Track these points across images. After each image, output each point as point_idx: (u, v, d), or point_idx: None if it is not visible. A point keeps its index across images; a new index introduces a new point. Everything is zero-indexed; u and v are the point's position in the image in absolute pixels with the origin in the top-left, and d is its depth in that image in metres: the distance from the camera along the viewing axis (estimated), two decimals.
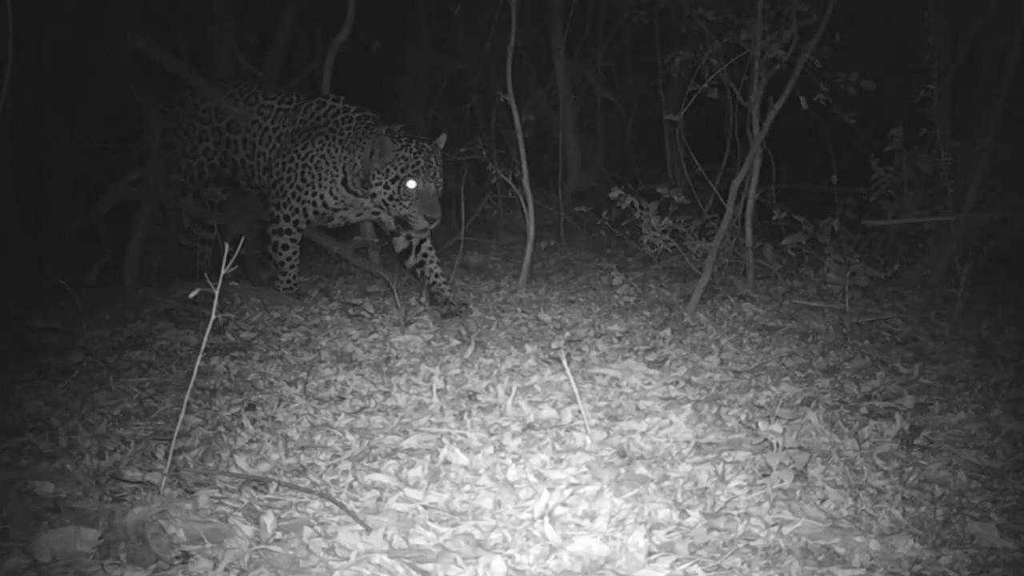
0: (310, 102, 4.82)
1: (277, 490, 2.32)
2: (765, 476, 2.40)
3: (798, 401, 3.06)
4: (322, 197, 4.64)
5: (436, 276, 4.65)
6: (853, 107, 4.71)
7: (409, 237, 4.76)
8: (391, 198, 4.42)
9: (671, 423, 2.81)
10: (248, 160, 4.97)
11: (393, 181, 4.38)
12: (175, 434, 2.38)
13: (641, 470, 2.46)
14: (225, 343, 3.81)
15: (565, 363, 2.83)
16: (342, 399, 3.12)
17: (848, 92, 4.58)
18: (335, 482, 2.41)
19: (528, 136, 5.23)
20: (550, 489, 2.28)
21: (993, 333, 4.07)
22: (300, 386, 3.21)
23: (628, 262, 5.66)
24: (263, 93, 4.97)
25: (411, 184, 4.35)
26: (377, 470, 2.46)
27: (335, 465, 2.51)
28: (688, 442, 2.67)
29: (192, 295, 2.45)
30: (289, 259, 4.75)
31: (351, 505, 2.24)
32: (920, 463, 2.53)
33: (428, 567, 1.94)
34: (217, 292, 2.36)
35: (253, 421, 2.83)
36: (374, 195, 4.47)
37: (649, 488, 2.34)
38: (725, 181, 5.02)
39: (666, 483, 2.38)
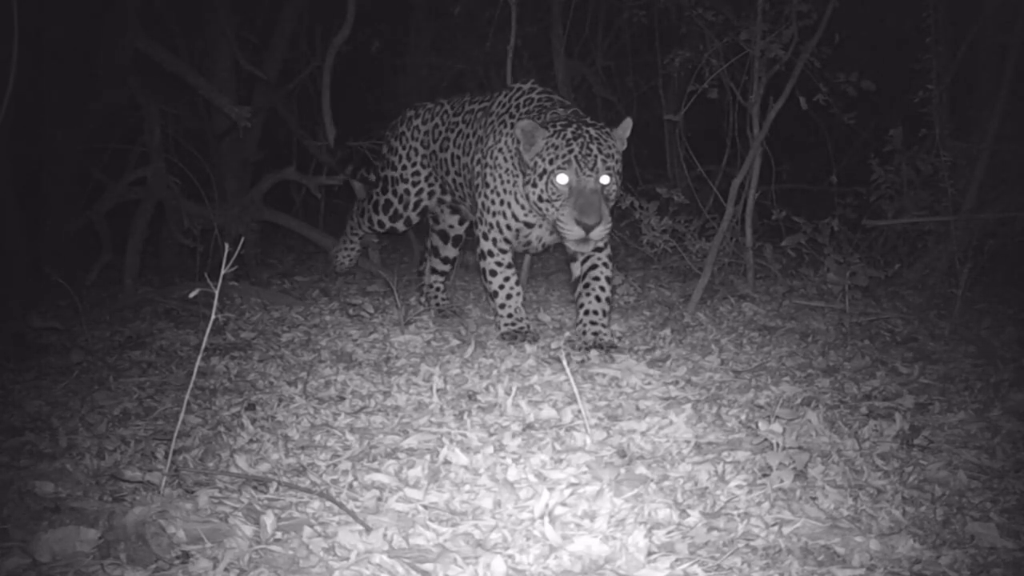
0: (500, 92, 4.15)
1: (277, 490, 2.32)
2: (765, 476, 2.40)
3: (798, 401, 3.06)
4: (510, 206, 3.83)
5: (586, 315, 3.82)
6: (853, 107, 4.72)
7: (583, 262, 3.92)
8: (540, 199, 3.58)
9: (671, 423, 2.81)
10: (457, 178, 4.26)
11: (541, 176, 3.55)
12: (175, 434, 2.38)
13: (641, 470, 2.46)
14: (225, 343, 3.81)
15: (565, 363, 2.83)
16: (342, 399, 3.12)
17: (848, 92, 4.59)
18: (335, 482, 2.41)
19: None
20: (550, 489, 2.28)
21: (993, 333, 4.07)
22: (300, 386, 3.21)
23: (628, 262, 5.67)
24: (471, 98, 4.34)
25: (561, 179, 3.50)
26: (377, 470, 2.46)
27: (335, 465, 2.51)
28: (688, 442, 2.67)
29: (192, 295, 2.45)
30: (502, 287, 3.94)
31: (351, 505, 2.24)
32: (920, 463, 2.53)
33: (428, 567, 1.94)
34: (217, 292, 2.36)
35: (253, 421, 2.83)
36: (527, 196, 3.66)
37: (649, 488, 2.33)
38: (725, 181, 5.02)
39: (666, 483, 2.38)
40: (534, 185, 3.59)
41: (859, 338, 3.94)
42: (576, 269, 3.97)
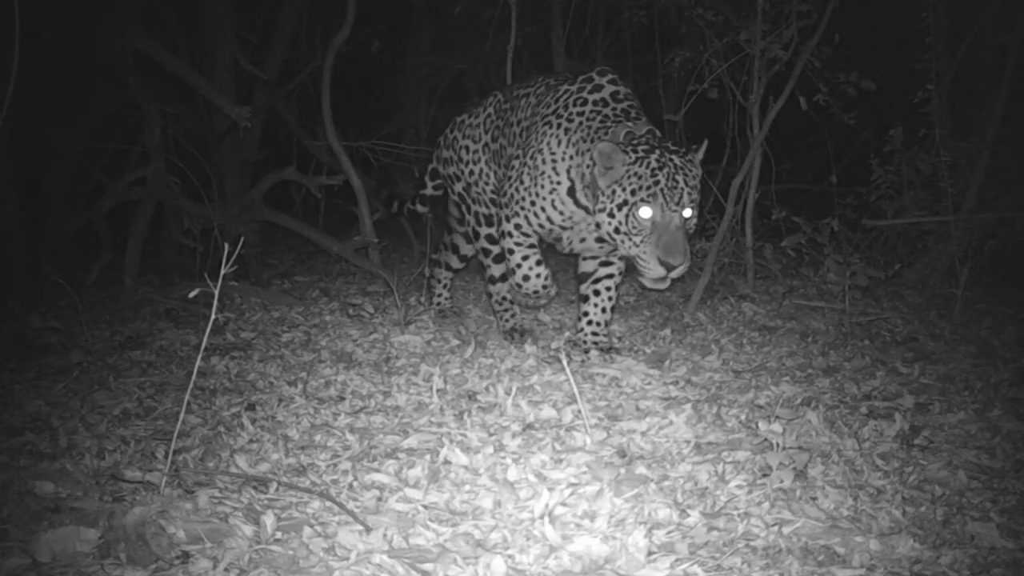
0: (548, 80, 3.80)
1: (277, 490, 2.32)
2: (765, 476, 2.40)
3: (798, 401, 3.06)
4: (544, 211, 3.58)
5: (588, 325, 3.75)
6: (853, 107, 4.72)
7: (601, 264, 3.76)
8: (617, 231, 3.25)
9: (671, 423, 2.81)
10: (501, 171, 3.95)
11: (620, 207, 3.21)
12: (175, 434, 2.38)
13: (641, 470, 2.46)
14: (225, 343, 3.81)
15: (565, 363, 2.83)
16: (342, 399, 3.12)
17: (848, 92, 4.59)
18: (335, 482, 2.41)
19: None
20: (550, 489, 2.28)
21: (993, 333, 4.07)
22: (300, 386, 3.21)
23: (627, 263, 5.66)
24: (523, 84, 3.95)
25: (644, 213, 3.17)
26: (377, 470, 2.46)
27: (335, 465, 2.51)
28: (688, 442, 2.67)
29: (192, 295, 2.45)
30: (522, 263, 3.72)
31: (351, 505, 2.24)
32: (920, 463, 2.53)
33: (428, 567, 1.94)
34: (217, 292, 2.36)
35: (253, 421, 2.83)
36: (599, 224, 3.34)
37: (649, 488, 2.33)
38: (725, 181, 5.02)
39: (666, 483, 2.38)
40: (610, 215, 3.24)
41: (859, 338, 3.94)
42: (588, 266, 3.79)
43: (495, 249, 4.01)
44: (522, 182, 3.60)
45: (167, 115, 5.20)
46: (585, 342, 3.73)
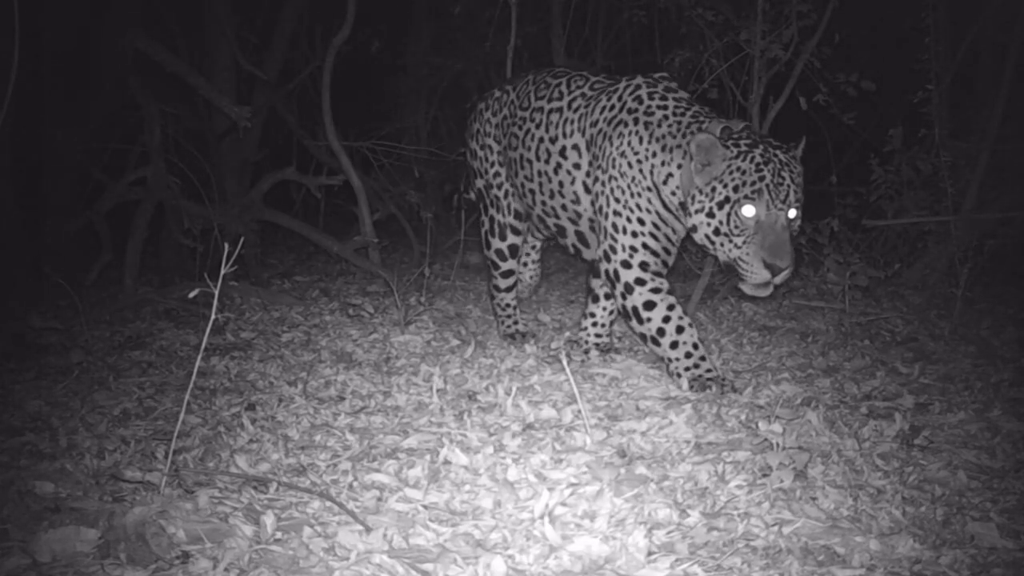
0: (600, 99, 3.42)
1: (277, 490, 2.32)
2: (765, 476, 2.40)
3: (798, 401, 3.06)
4: (643, 223, 3.26)
5: (603, 319, 3.65)
6: (853, 107, 4.72)
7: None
8: (717, 231, 3.00)
9: (671, 423, 2.81)
10: (528, 183, 3.68)
11: (721, 206, 2.97)
12: (175, 434, 2.38)
13: (641, 470, 2.46)
14: (225, 343, 3.81)
15: (565, 363, 2.83)
16: (342, 399, 3.12)
17: (848, 92, 4.59)
18: (335, 482, 2.41)
19: None
20: (550, 489, 2.28)
21: (993, 333, 4.07)
22: (300, 386, 3.21)
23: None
24: (536, 91, 3.70)
25: (748, 211, 2.94)
26: (377, 470, 2.46)
27: (335, 465, 2.51)
28: (688, 442, 2.67)
29: (192, 295, 2.45)
30: (667, 320, 3.22)
31: (351, 505, 2.24)
32: (920, 463, 2.53)
33: (428, 567, 1.94)
34: (217, 292, 2.36)
35: (253, 421, 2.83)
36: (694, 227, 3.07)
37: (649, 488, 2.33)
38: None
39: (666, 483, 2.38)
40: (709, 215, 2.99)
41: (859, 338, 3.94)
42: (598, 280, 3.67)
43: (504, 265, 3.97)
44: (616, 201, 3.22)
45: (167, 115, 5.20)
46: (587, 342, 3.68)
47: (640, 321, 3.24)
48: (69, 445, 2.61)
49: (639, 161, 3.22)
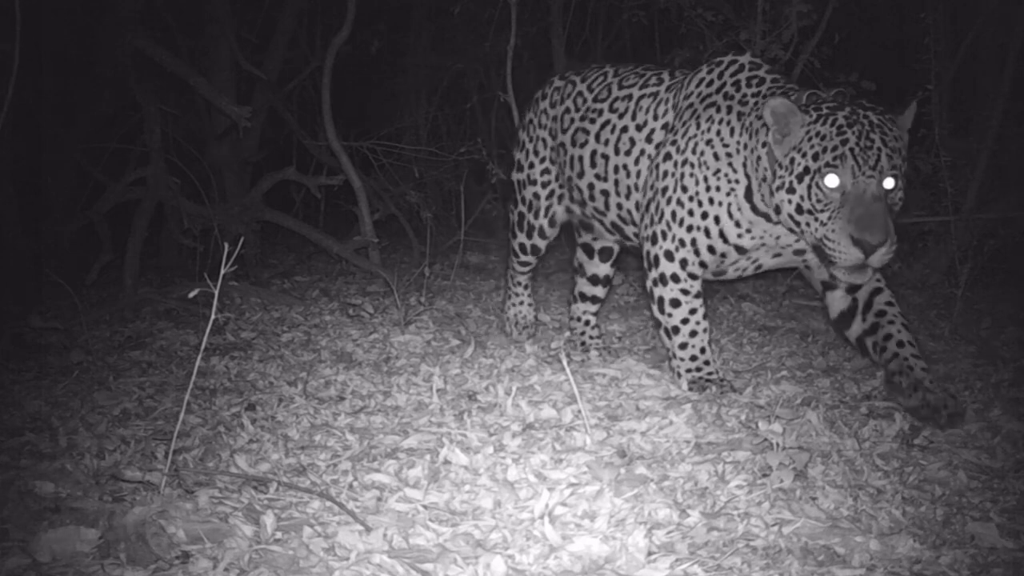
0: (700, 70, 3.16)
1: (277, 490, 2.32)
2: (765, 476, 2.40)
3: (798, 401, 3.06)
4: (718, 222, 2.95)
5: (901, 348, 2.89)
6: None
7: (852, 289, 3.02)
8: (800, 209, 2.67)
9: (671, 423, 2.81)
10: (598, 183, 3.39)
11: (801, 178, 2.65)
12: (175, 434, 2.38)
13: (641, 470, 2.45)
14: (225, 343, 3.81)
15: (565, 363, 2.83)
16: (342, 399, 3.12)
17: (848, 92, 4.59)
18: (335, 482, 2.41)
19: None
20: (550, 489, 2.28)
21: (993, 333, 4.07)
22: (300, 386, 3.21)
23: (628, 262, 5.66)
24: (620, 80, 3.40)
25: (831, 181, 2.60)
26: (377, 470, 2.46)
27: (335, 465, 2.51)
28: (688, 442, 2.67)
29: (192, 295, 2.45)
30: (685, 322, 3.11)
31: (351, 505, 2.24)
32: (920, 463, 2.53)
33: (428, 567, 1.94)
34: (217, 292, 2.36)
35: (253, 421, 2.83)
36: (778, 208, 2.75)
37: (649, 488, 2.33)
38: None
39: (666, 483, 2.38)
40: (789, 190, 2.66)
41: None
42: (836, 302, 3.06)
43: (524, 258, 3.89)
44: (684, 188, 2.94)
45: (167, 115, 5.20)
46: (911, 371, 2.86)
47: (661, 311, 3.14)
48: (69, 445, 2.61)
49: (728, 155, 2.90)
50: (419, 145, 6.51)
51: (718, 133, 2.92)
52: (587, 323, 3.86)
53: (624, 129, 3.27)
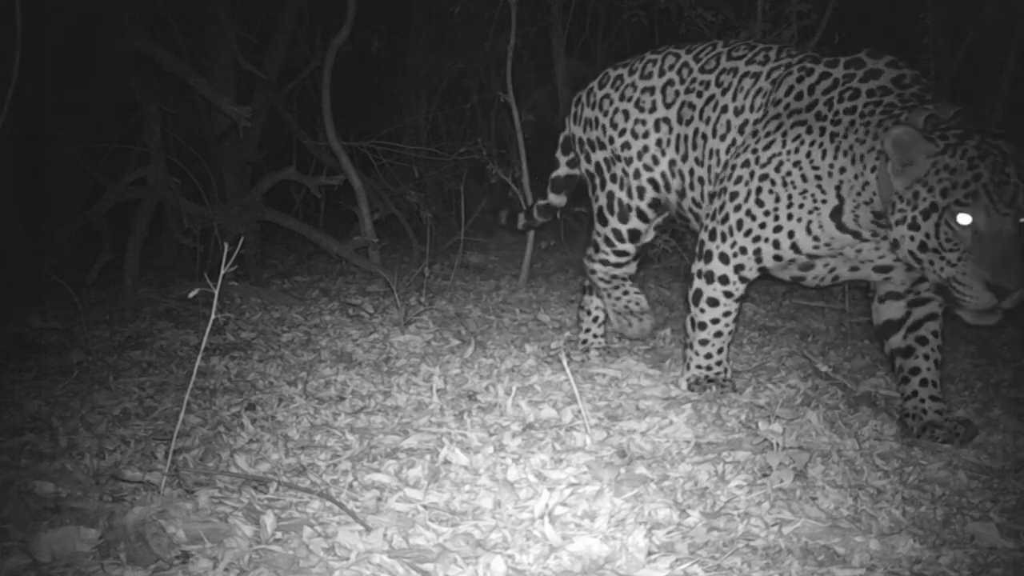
0: (796, 64, 2.93)
1: (277, 490, 2.32)
2: (765, 476, 2.40)
3: (798, 401, 3.06)
4: (792, 236, 2.83)
5: (923, 387, 2.84)
6: None
7: (914, 303, 2.90)
8: (924, 247, 2.48)
9: (671, 423, 2.81)
10: (699, 169, 3.17)
11: (927, 215, 2.45)
12: (175, 434, 2.38)
13: (641, 470, 2.45)
14: (225, 343, 3.81)
15: (565, 363, 2.83)
16: (342, 399, 3.12)
17: None
18: (335, 482, 2.41)
19: (528, 136, 5.24)
20: (550, 489, 2.28)
21: (993, 333, 4.07)
22: (300, 386, 3.21)
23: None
24: (728, 51, 3.16)
25: (963, 219, 2.39)
26: (377, 470, 2.46)
27: (335, 465, 2.51)
28: (688, 442, 2.67)
29: (192, 295, 2.45)
30: (715, 321, 3.04)
31: (351, 505, 2.24)
32: (920, 463, 2.53)
33: (428, 567, 1.94)
34: (217, 292, 2.36)
35: (253, 421, 2.83)
36: (896, 242, 2.56)
37: (649, 488, 2.33)
38: None
39: (666, 483, 2.38)
40: (912, 227, 2.47)
41: (859, 338, 3.94)
42: (894, 311, 2.92)
43: (619, 246, 3.48)
44: (759, 204, 2.81)
45: (167, 115, 5.20)
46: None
47: (696, 303, 3.05)
48: (69, 445, 2.61)
49: (818, 177, 2.75)
50: (419, 145, 6.51)
51: (808, 156, 2.75)
52: (595, 319, 3.79)
53: (724, 109, 3.06)
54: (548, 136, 7.03)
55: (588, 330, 3.79)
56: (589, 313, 3.79)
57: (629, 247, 3.49)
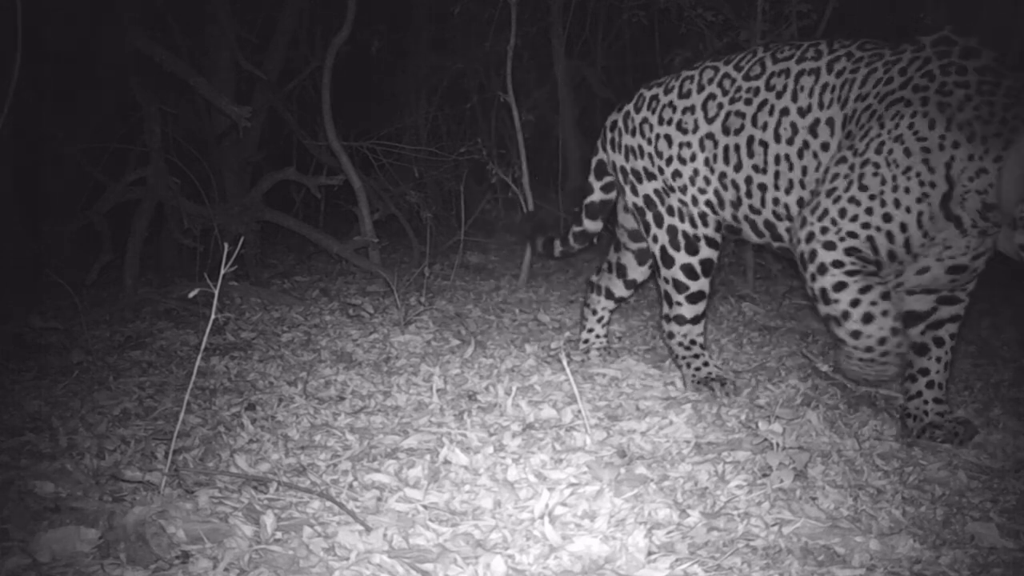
0: (875, 68, 2.71)
1: (277, 490, 2.32)
2: (765, 476, 2.40)
3: (798, 401, 3.06)
4: (903, 227, 2.58)
5: (929, 389, 2.82)
6: None
7: (944, 300, 2.80)
8: None
9: (671, 423, 2.82)
10: (758, 176, 2.97)
11: None
12: (175, 434, 2.38)
13: (641, 470, 2.46)
14: (225, 343, 3.81)
15: (565, 363, 2.83)
16: (342, 399, 3.12)
17: None
18: (335, 482, 2.41)
19: (528, 136, 5.24)
20: (550, 489, 2.28)
21: (993, 333, 4.07)
22: (300, 386, 3.21)
23: None
24: (772, 54, 2.98)
25: None
26: (377, 470, 2.46)
27: (335, 465, 2.51)
28: (688, 442, 2.67)
29: (192, 295, 2.45)
30: (856, 303, 2.65)
31: (351, 505, 2.24)
32: (920, 463, 2.53)
33: (428, 567, 1.94)
34: (217, 292, 2.36)
35: (253, 421, 2.83)
36: (1022, 247, 2.43)
37: (649, 488, 2.34)
38: None
39: (666, 483, 2.38)
40: None
41: None
42: (921, 303, 2.82)
43: (694, 286, 3.22)
44: (864, 188, 2.58)
45: (167, 115, 5.20)
46: (927, 414, 2.80)
47: (826, 301, 2.70)
48: (69, 445, 2.61)
49: (926, 150, 2.50)
50: (419, 145, 6.51)
51: (912, 128, 2.51)
52: (600, 320, 3.71)
53: (785, 112, 2.87)
54: (548, 136, 7.06)
55: (591, 330, 3.74)
56: (595, 312, 3.73)
57: (704, 284, 3.23)
